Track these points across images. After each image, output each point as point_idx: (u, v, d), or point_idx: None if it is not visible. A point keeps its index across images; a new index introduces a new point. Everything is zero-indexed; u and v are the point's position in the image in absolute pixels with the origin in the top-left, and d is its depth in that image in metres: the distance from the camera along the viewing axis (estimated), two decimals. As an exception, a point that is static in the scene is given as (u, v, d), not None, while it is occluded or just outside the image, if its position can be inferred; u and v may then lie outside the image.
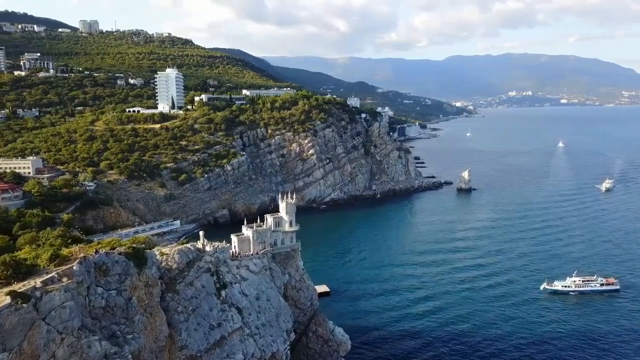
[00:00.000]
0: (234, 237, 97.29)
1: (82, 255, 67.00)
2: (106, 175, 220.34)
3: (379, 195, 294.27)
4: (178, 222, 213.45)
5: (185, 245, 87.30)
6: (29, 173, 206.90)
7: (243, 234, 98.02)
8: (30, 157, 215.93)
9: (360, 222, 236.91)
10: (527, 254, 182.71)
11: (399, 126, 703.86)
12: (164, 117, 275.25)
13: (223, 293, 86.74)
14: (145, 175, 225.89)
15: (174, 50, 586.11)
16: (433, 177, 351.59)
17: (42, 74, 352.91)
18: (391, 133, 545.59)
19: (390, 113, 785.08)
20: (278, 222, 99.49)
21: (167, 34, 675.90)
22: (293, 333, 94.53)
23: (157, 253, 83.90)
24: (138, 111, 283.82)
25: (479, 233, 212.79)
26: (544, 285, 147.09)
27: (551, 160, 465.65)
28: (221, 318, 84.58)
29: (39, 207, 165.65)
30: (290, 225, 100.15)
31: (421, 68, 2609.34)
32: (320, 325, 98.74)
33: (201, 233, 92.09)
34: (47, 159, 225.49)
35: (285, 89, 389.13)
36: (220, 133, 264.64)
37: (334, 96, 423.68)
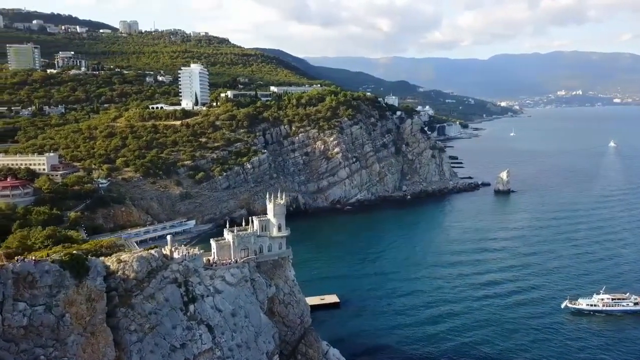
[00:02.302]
0: (213, 243, 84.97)
1: None
2: (121, 172, 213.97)
3: (409, 197, 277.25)
4: (193, 222, 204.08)
5: (149, 251, 75.46)
6: (44, 170, 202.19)
7: (224, 239, 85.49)
8: (47, 154, 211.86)
9: (386, 225, 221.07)
10: (558, 264, 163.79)
11: (438, 125, 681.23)
12: (185, 113, 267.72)
13: (191, 308, 74.45)
14: (161, 172, 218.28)
15: (209, 49, 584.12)
16: (470, 178, 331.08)
17: (73, 72, 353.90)
18: (430, 132, 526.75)
19: (431, 112, 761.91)
20: (264, 226, 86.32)
21: (204, 34, 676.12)
22: (277, 356, 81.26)
23: (113, 260, 72.51)
24: (161, 108, 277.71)
25: (510, 240, 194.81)
26: (565, 303, 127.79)
27: (600, 161, 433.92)
28: (186, 338, 72.28)
29: (48, 205, 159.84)
30: (279, 229, 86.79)
31: (465, 67, 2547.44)
32: (311, 346, 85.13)
33: (169, 237, 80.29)
34: (65, 156, 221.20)
35: (315, 85, 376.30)
36: (242, 130, 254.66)
37: (367, 91, 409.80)
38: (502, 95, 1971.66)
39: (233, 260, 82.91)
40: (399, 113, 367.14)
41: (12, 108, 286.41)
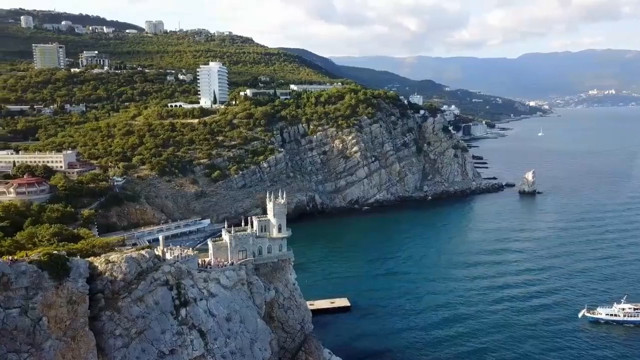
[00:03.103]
0: (210, 243, 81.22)
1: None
2: (137, 170, 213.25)
3: (430, 197, 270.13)
4: (207, 220, 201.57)
5: (139, 251, 72.04)
6: (61, 167, 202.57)
7: (222, 239, 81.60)
8: (64, 151, 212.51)
9: (404, 227, 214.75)
10: (579, 269, 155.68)
11: (464, 125, 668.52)
12: (203, 111, 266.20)
13: (183, 312, 70.74)
14: (177, 171, 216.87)
15: (232, 48, 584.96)
16: (494, 178, 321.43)
17: (95, 71, 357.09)
18: (455, 132, 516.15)
19: (456, 111, 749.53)
20: (264, 227, 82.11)
21: (227, 33, 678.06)
22: (274, 363, 77.01)
23: (102, 260, 69.32)
24: (179, 106, 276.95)
25: (531, 242, 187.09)
26: (583, 312, 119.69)
27: (632, 163, 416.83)
28: (176, 343, 68.62)
29: (63, 202, 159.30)
30: (279, 230, 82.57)
31: (493, 67, 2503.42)
32: (311, 353, 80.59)
33: (160, 237, 76.69)
34: (82, 154, 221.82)
35: (336, 84, 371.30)
36: (259, 129, 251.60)
37: (391, 90, 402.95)
38: (532, 95, 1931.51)
39: (230, 261, 78.92)
40: (422, 112, 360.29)
41: (35, 106, 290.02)
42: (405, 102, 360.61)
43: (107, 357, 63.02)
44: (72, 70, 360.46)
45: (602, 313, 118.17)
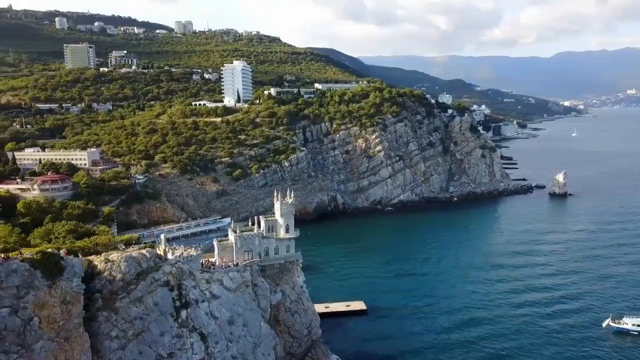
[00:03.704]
0: (215, 243, 78.87)
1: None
2: (159, 168, 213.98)
3: (455, 199, 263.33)
4: (228, 219, 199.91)
5: (140, 251, 70.09)
6: (85, 165, 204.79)
7: (227, 239, 79.13)
8: (89, 149, 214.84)
9: (428, 228, 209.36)
10: (609, 275, 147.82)
11: (494, 125, 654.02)
12: (227, 110, 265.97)
13: (183, 314, 68.42)
14: (198, 169, 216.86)
15: (260, 48, 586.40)
16: (523, 179, 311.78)
17: (123, 70, 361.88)
18: (484, 132, 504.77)
19: (487, 111, 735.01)
20: (271, 227, 79.24)
21: (255, 33, 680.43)
22: (278, 369, 74.06)
23: (101, 259, 67.63)
24: (203, 105, 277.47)
25: (559, 246, 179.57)
26: (607, 322, 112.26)
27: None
28: (175, 346, 66.33)
29: (84, 199, 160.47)
30: (287, 231, 79.63)
31: (526, 66, 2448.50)
32: (318, 359, 77.18)
33: (162, 236, 74.51)
34: (106, 151, 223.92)
35: (362, 83, 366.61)
36: (281, 127, 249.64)
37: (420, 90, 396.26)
38: (566, 94, 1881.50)
39: (235, 262, 76.34)
40: (450, 111, 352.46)
41: (64, 105, 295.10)
42: (433, 101, 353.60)
43: (103, 359, 61.21)
44: (101, 69, 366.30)
45: (628, 323, 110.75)
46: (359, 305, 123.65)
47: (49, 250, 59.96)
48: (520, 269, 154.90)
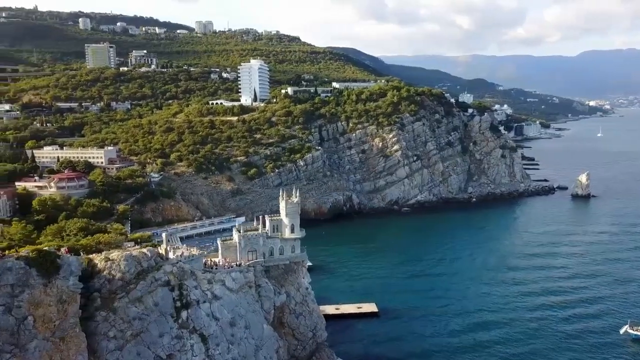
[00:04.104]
0: (219, 242, 77.40)
1: None
2: (174, 167, 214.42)
3: (474, 199, 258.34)
4: (242, 218, 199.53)
5: (141, 249, 68.98)
6: (102, 163, 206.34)
7: (231, 239, 77.60)
8: (106, 147, 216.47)
9: (445, 229, 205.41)
10: (630, 280, 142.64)
11: (516, 124, 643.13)
12: (243, 109, 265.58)
13: (184, 314, 67.12)
14: (213, 168, 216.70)
15: (279, 47, 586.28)
16: (545, 180, 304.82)
17: (143, 69, 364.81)
18: (506, 132, 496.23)
19: (509, 111, 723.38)
20: (276, 226, 77.45)
21: (275, 32, 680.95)
22: (281, 372, 72.21)
23: (101, 258, 66.68)
24: (220, 103, 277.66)
25: (579, 249, 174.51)
26: (625, 329, 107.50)
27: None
28: (175, 348, 65.05)
29: (100, 197, 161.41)
30: (292, 230, 77.61)
31: (550, 65, 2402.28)
32: (323, 363, 75.18)
33: (164, 235, 73.30)
34: (123, 150, 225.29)
35: (380, 82, 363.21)
36: (297, 126, 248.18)
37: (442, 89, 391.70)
38: (592, 94, 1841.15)
39: (238, 262, 74.73)
40: (470, 111, 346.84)
41: (83, 104, 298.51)
42: (452, 100, 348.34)
43: (99, 359, 60.18)
44: (120, 69, 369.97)
45: None
46: (370, 307, 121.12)
47: (45, 248, 59.11)
48: (538, 271, 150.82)
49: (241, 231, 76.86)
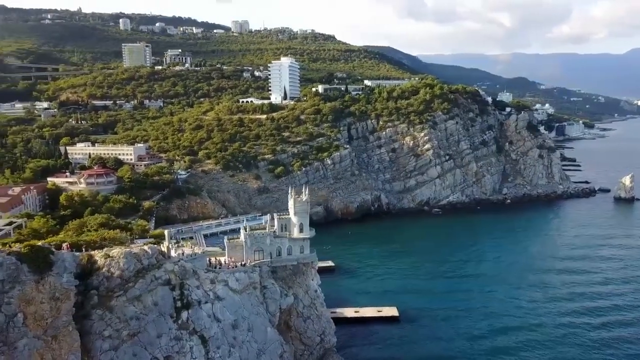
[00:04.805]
0: (225, 241, 74.86)
1: None
2: (202, 164, 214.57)
3: (509, 201, 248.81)
4: (267, 216, 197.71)
5: (142, 247, 67.03)
6: (131, 159, 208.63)
7: (238, 238, 74.94)
8: (136, 144, 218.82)
9: (477, 231, 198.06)
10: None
11: (557, 124, 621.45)
12: (272, 107, 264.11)
13: (184, 315, 64.82)
14: (240, 166, 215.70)
15: (314, 46, 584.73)
16: (586, 182, 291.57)
17: (177, 68, 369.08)
18: (547, 131, 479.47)
19: (550, 110, 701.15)
20: (284, 226, 74.27)
21: (310, 31, 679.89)
22: (285, 378, 68.99)
23: (102, 255, 65.05)
24: (250, 102, 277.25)
25: (619, 253, 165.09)
26: None
27: None
28: (173, 349, 62.76)
29: (127, 194, 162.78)
30: (301, 230, 74.22)
31: (597, 63, 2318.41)
32: (331, 370, 71.51)
33: (166, 232, 71.28)
34: (153, 147, 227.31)
35: (414, 79, 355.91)
36: (325, 125, 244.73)
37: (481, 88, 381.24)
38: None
39: (243, 262, 71.95)
40: (508, 109, 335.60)
41: (117, 102, 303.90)
42: (489, 99, 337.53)
43: (93, 359, 58.46)
44: (155, 67, 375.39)
45: None
46: (391, 311, 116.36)
47: (38, 244, 57.77)
48: (573, 274, 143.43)
49: (247, 229, 74.06)
